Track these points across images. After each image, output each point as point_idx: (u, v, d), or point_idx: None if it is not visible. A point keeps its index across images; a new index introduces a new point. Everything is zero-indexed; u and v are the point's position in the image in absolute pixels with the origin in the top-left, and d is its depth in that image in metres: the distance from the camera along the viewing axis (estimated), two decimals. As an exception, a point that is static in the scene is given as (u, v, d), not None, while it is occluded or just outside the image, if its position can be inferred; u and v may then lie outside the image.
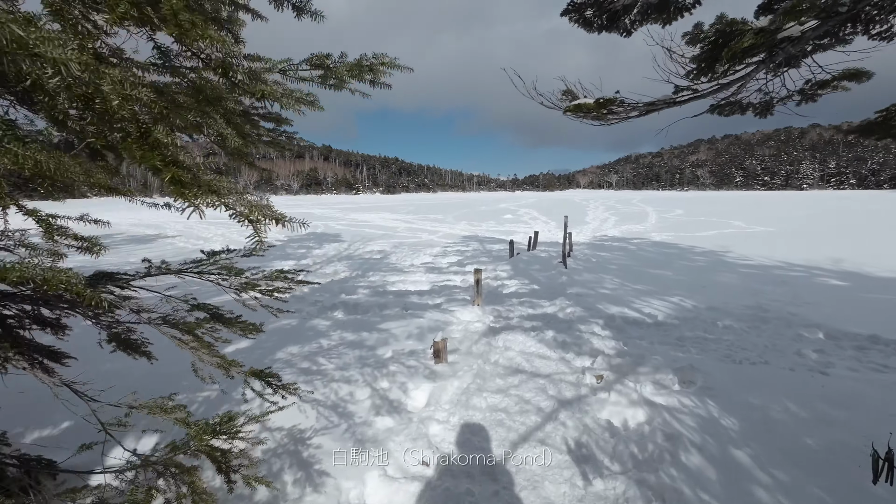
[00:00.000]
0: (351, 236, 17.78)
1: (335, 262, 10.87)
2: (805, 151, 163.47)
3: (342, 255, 12.63)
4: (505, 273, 8.32)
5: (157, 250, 13.78)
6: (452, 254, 12.08)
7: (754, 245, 13.78)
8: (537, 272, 8.29)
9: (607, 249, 13.12)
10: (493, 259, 10.68)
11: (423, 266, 9.78)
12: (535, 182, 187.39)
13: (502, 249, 13.01)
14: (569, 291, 6.81)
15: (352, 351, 4.56)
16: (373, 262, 10.77)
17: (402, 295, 6.77)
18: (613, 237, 16.67)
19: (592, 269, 9.20)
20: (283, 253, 12.98)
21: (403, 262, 10.78)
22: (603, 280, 7.97)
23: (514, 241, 14.79)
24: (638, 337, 5.14)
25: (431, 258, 11.36)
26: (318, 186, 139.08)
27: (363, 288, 7.28)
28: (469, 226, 22.57)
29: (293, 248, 13.99)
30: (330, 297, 6.96)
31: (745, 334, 5.38)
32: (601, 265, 9.80)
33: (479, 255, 11.91)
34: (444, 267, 9.61)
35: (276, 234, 18.73)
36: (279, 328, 5.50)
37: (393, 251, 13.07)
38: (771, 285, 7.92)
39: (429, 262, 10.46)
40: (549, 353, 4.39)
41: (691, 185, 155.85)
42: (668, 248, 13.51)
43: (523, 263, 9.29)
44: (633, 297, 6.87)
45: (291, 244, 15.20)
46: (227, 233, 19.33)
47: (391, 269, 9.31)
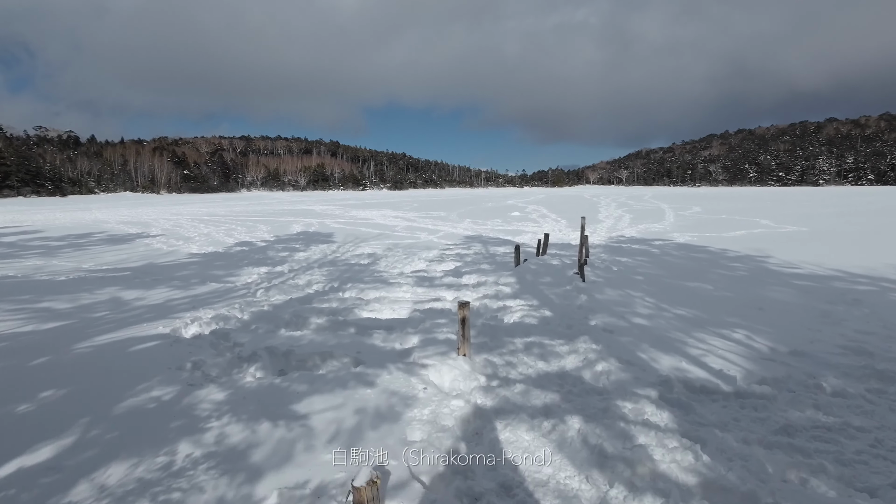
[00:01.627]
0: (344, 236, 16.38)
1: (314, 270, 9.46)
2: (821, 146, 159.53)
3: (326, 259, 11.22)
4: (508, 289, 6.84)
5: (124, 252, 12.47)
6: (450, 258, 10.62)
7: (793, 248, 12.17)
8: (549, 288, 6.77)
9: (627, 253, 11.57)
10: (495, 267, 9.20)
11: (412, 276, 8.33)
12: (544, 178, 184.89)
13: (507, 254, 11.52)
14: (593, 323, 5.22)
15: (210, 483, 2.61)
16: (357, 270, 9.34)
17: (366, 329, 4.99)
18: (631, 238, 15.10)
19: (616, 281, 7.65)
20: (262, 257, 11.61)
21: (392, 269, 9.34)
22: (632, 300, 6.36)
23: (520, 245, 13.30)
24: (719, 426, 3.23)
25: (425, 264, 9.91)
26: (326, 182, 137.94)
27: (322, 314, 5.72)
28: (473, 224, 21.08)
29: (276, 251, 12.62)
30: (265, 333, 5.19)
31: (875, 411, 3.50)
32: (625, 276, 8.27)
33: (480, 260, 10.44)
34: (437, 277, 8.14)
35: (265, 233, 17.40)
36: (133, 408, 3.46)
37: (384, 255, 11.64)
38: (841, 305, 6.37)
39: (420, 271, 9.00)
40: (579, 486, 2.58)
41: (703, 180, 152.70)
42: (697, 251, 11.93)
43: (531, 274, 7.78)
44: (680, 332, 5.10)
45: (276, 245, 13.84)
46: (213, 232, 18.04)
47: (374, 280, 7.87)
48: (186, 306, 6.20)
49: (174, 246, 13.92)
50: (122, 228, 19.90)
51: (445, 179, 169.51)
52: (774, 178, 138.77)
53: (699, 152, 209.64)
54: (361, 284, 7.43)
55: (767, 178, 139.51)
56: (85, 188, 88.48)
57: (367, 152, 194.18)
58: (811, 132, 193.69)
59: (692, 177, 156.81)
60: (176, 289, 7.38)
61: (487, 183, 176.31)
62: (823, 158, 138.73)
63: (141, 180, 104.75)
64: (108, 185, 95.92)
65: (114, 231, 18.85)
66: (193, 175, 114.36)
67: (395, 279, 7.95)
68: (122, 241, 15.62)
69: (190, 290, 7.27)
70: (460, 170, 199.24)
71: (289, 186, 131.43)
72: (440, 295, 6.61)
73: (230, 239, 15.68)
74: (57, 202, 55.34)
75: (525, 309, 5.52)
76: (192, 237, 16.30)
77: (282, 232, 17.97)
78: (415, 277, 8.13)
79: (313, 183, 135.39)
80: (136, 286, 7.63)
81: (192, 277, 8.54)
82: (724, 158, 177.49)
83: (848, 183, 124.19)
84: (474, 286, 7.21)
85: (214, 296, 6.87)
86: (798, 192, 70.79)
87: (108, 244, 14.72)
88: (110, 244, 14.71)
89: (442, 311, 5.62)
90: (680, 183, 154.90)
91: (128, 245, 14.43)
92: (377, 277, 8.20)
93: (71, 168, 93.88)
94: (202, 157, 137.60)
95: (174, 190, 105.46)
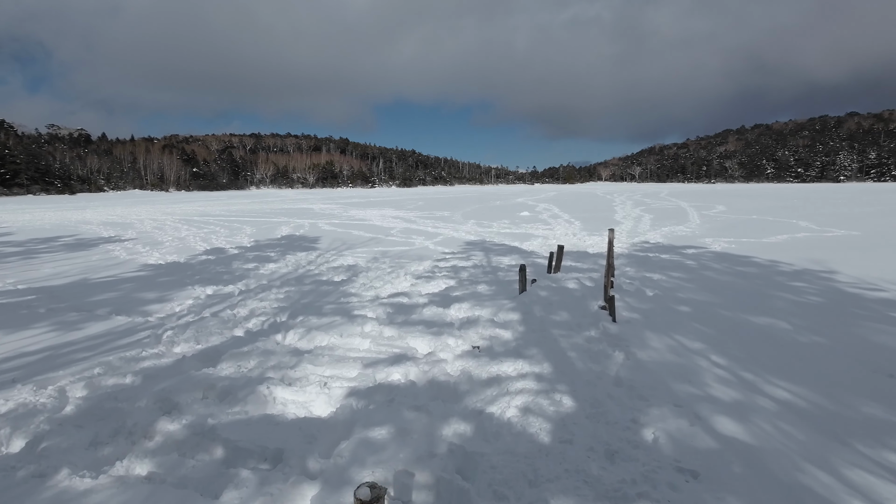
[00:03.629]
0: (330, 241, 14.57)
1: (271, 291, 7.64)
2: (842, 141, 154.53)
3: (295, 274, 9.41)
4: (508, 332, 4.81)
5: (69, 263, 10.75)
6: (442, 274, 8.73)
7: (857, 259, 10.11)
8: (566, 333, 4.61)
9: (658, 266, 9.59)
10: (495, 289, 7.27)
11: (388, 303, 6.44)
12: (555, 174, 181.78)
13: (512, 268, 9.61)
14: (649, 436, 2.94)
15: None
16: (323, 293, 7.50)
17: (233, 461, 2.80)
18: (658, 245, 13.08)
19: (657, 318, 5.61)
20: (221, 270, 9.84)
21: (367, 291, 7.49)
22: (693, 362, 4.14)
23: (529, 254, 11.39)
24: None
25: (410, 283, 8.03)
26: (334, 179, 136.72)
27: (198, 406, 3.46)
28: (477, 227, 19.16)
29: (243, 261, 10.84)
30: (25, 478, 2.66)
31: None
32: (666, 306, 6.30)
33: (478, 278, 8.54)
34: (418, 305, 6.24)
35: (245, 238, 15.69)
36: None
37: (367, 268, 9.79)
38: None
39: (401, 294, 7.11)
40: None
41: (719, 177, 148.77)
42: (742, 263, 9.91)
43: (541, 306, 5.79)
44: (816, 464, 2.70)
45: (248, 254, 12.07)
46: (190, 236, 16.37)
47: (336, 312, 6.00)
48: (20, 372, 4.33)
49: (135, 254, 12.25)
50: (97, 231, 18.33)
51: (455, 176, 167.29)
52: (793, 175, 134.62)
53: (714, 148, 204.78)
54: (316, 318, 5.56)
55: (786, 175, 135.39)
56: (94, 186, 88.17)
57: (376, 149, 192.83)
58: (831, 127, 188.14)
59: (707, 173, 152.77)
60: (58, 328, 5.62)
61: (497, 180, 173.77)
62: (844, 154, 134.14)
63: (150, 178, 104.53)
64: (118, 183, 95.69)
65: (86, 234, 17.28)
66: (202, 173, 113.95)
67: (363, 308, 6.08)
68: (85, 246, 14.00)
69: (73, 332, 5.49)
70: (470, 167, 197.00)
71: (297, 184, 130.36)
72: (410, 346, 4.68)
73: (203, 245, 13.98)
74: (63, 200, 54.46)
75: (530, 387, 3.41)
76: (163, 242, 14.63)
77: (265, 236, 16.22)
78: (390, 305, 6.26)
79: (322, 180, 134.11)
80: (12, 323, 5.90)
81: (107, 304, 6.78)
82: (741, 154, 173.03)
83: (870, 179, 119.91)
84: (462, 325, 5.25)
85: (94, 345, 5.04)
86: (821, 188, 67.54)
87: (65, 251, 13.10)
88: (68, 251, 13.09)
89: (399, 389, 3.70)
90: (695, 179, 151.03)
91: (85, 252, 12.79)
92: (341, 306, 6.33)
93: (81, 166, 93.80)
94: (212, 154, 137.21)
95: (183, 187, 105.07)
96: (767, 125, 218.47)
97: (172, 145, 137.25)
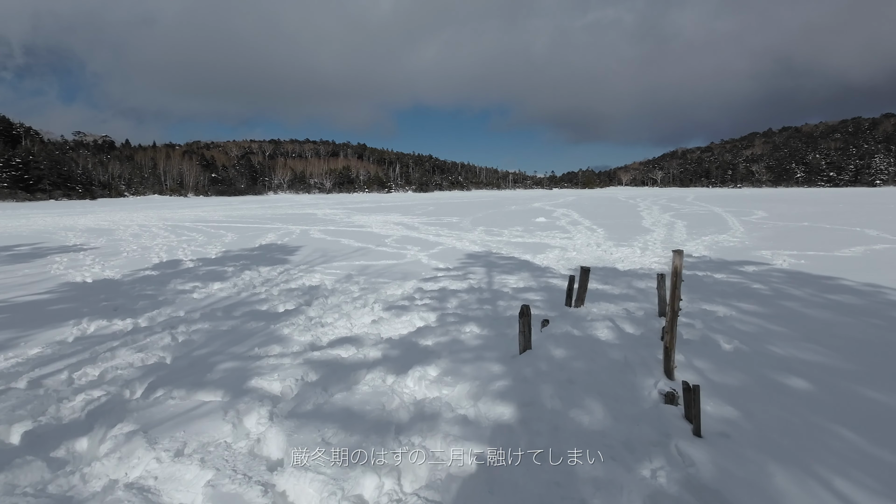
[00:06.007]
0: (309, 252, 12.45)
1: (170, 332, 5.46)
2: (878, 144, 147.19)
3: (233, 299, 7.26)
4: (485, 459, 2.40)
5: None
6: (423, 303, 6.45)
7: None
8: (605, 483, 2.18)
9: (719, 294, 7.13)
10: (486, 340, 4.91)
11: (318, 360, 4.15)
12: (574, 179, 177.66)
13: (517, 294, 7.28)
14: None
15: None
16: (240, 336, 5.31)
17: None
18: (706, 260, 10.54)
19: (767, 417, 2.88)
20: (153, 291, 7.77)
21: (303, 334, 5.20)
22: None
23: (543, 270, 9.07)
24: None
25: (373, 318, 5.79)
26: (351, 185, 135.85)
27: None
28: (486, 235, 16.84)
29: (185, 279, 8.73)
30: None
31: None
32: (766, 380, 3.74)
33: (468, 310, 6.24)
34: (363, 364, 3.95)
35: (217, 247, 13.71)
36: None
37: (330, 291, 7.59)
38: None
39: (348, 342, 4.80)
40: None
41: (745, 181, 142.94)
42: (830, 289, 7.38)
43: (553, 389, 3.05)
44: None
45: (200, 270, 10.00)
46: (158, 245, 14.46)
47: (218, 385, 3.72)
48: None
49: (72, 268, 10.32)
50: (67, 239, 16.61)
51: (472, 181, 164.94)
52: (825, 179, 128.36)
53: (740, 151, 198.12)
54: (177, 399, 3.35)
55: (817, 179, 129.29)
56: (115, 191, 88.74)
57: (393, 154, 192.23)
58: (865, 129, 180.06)
59: (733, 177, 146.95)
60: None
61: (515, 185, 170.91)
62: (881, 157, 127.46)
63: (170, 183, 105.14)
64: (138, 188, 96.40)
65: (49, 242, 15.56)
66: (221, 178, 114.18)
67: (271, 374, 3.81)
68: (31, 257, 12.18)
69: None
70: (487, 171, 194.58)
71: (314, 189, 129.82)
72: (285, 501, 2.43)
73: (163, 256, 12.02)
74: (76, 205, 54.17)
75: None
76: (121, 253, 12.73)
77: (240, 245, 14.20)
78: (318, 366, 4.01)
79: (339, 185, 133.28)
80: None
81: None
82: (768, 158, 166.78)
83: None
84: (408, 428, 2.90)
85: None
86: (860, 193, 63.12)
87: (7, 263, 11.29)
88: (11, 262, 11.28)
89: None
90: (719, 184, 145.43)
91: (23, 265, 10.93)
92: (242, 367, 4.10)
93: (102, 171, 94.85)
94: (231, 160, 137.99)
95: (201, 192, 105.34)
96: (796, 127, 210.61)
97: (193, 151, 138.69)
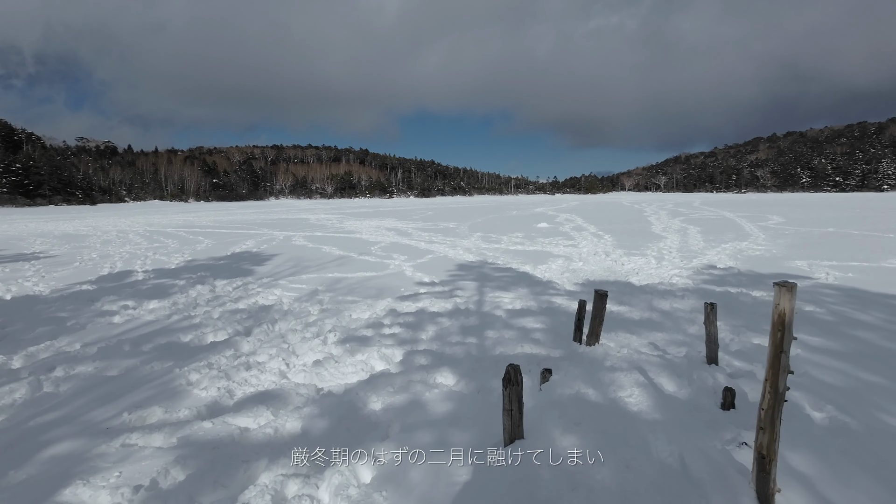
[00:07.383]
0: (281, 262, 11.09)
1: (40, 380, 4.12)
2: (885, 148, 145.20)
3: (158, 325, 5.89)
4: None
5: None
6: (390, 332, 5.07)
7: None
8: None
9: (765, 316, 5.72)
10: (462, 398, 3.51)
11: (199, 439, 2.86)
12: (576, 184, 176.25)
13: (513, 317, 5.89)
14: None
15: None
16: (135, 383, 3.94)
17: None
18: (734, 272, 9.10)
19: None
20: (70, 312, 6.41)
21: (210, 386, 3.78)
22: None
23: (546, 283, 7.65)
24: None
25: (323, 354, 4.41)
26: (353, 190, 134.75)
27: None
28: (482, 242, 15.45)
29: (120, 296, 7.34)
30: None
31: None
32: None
33: (446, 345, 4.85)
34: (280, 444, 2.52)
35: (186, 255, 12.39)
36: None
37: (284, 313, 6.23)
38: None
39: (270, 400, 3.44)
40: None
41: (750, 186, 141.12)
42: (896, 310, 5.98)
43: None
44: None
45: (148, 282, 8.63)
46: (123, 252, 13.13)
47: (58, 476, 2.48)
48: None
49: (9, 279, 9.01)
50: (29, 247, 15.33)
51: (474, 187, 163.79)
52: (831, 184, 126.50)
53: (744, 156, 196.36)
54: None
55: (822, 184, 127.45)
56: (115, 196, 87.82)
57: (395, 160, 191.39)
58: (871, 133, 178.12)
59: (737, 182, 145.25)
60: None
61: (517, 190, 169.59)
62: (888, 161, 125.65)
63: (171, 188, 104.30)
64: (139, 194, 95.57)
65: (10, 250, 14.27)
66: (222, 183, 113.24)
67: (123, 462, 2.47)
68: (-27, 267, 10.89)
69: None
70: (490, 177, 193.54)
71: (316, 194, 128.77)
72: None
73: (115, 266, 10.69)
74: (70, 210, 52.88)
75: None
76: (74, 262, 11.41)
77: (210, 254, 12.85)
78: (202, 452, 2.67)
79: (340, 190, 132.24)
80: None
81: None
82: (773, 163, 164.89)
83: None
84: None
85: None
86: (869, 197, 61.47)
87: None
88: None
89: None
90: (724, 189, 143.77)
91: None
92: (70, 460, 2.72)
93: (103, 177, 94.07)
94: (233, 165, 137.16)
95: (202, 198, 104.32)
96: (801, 132, 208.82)
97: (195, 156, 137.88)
